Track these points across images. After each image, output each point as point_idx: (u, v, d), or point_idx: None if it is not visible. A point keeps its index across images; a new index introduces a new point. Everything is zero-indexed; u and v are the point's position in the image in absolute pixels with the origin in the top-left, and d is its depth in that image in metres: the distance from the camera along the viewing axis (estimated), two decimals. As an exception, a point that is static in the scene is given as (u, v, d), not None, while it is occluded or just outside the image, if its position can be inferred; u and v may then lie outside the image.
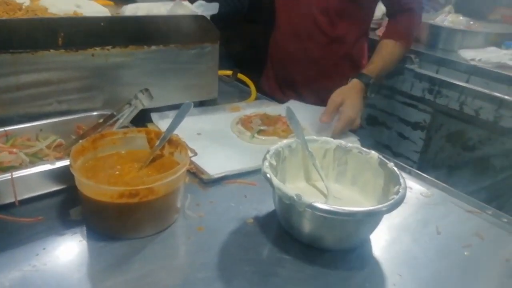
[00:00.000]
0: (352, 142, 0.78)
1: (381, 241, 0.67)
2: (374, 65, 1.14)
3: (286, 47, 1.37)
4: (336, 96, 1.02)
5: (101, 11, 1.00)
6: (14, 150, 0.71)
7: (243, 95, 1.30)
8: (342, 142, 0.75)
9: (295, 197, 0.56)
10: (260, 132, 0.97)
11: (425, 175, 0.89)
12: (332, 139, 0.76)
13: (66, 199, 0.69)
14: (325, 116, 0.99)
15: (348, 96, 1.03)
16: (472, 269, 0.63)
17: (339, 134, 0.97)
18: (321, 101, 1.06)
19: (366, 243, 0.66)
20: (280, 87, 1.44)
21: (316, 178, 0.75)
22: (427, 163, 1.89)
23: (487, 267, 0.64)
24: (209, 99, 1.10)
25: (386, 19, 1.35)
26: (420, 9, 1.25)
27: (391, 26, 1.25)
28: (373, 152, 0.72)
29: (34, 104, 0.82)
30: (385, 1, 1.27)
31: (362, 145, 0.83)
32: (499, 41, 1.92)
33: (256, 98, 1.27)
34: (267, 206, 0.72)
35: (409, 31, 1.24)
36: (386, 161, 0.69)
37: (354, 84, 1.08)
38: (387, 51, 1.19)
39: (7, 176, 0.63)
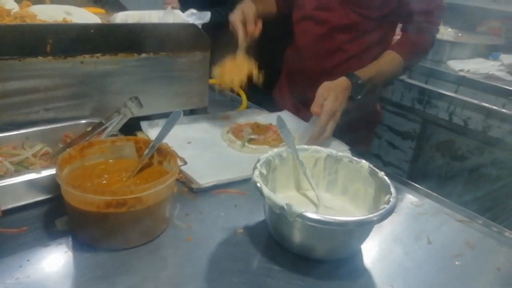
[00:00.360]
0: (342, 151, 0.78)
1: (372, 251, 0.66)
2: (367, 69, 1.14)
3: (303, 64, 1.34)
4: (323, 89, 1.04)
5: (91, 18, 1.00)
6: (-1, 158, 0.70)
7: (234, 104, 1.30)
8: (332, 151, 0.75)
9: (285, 207, 0.56)
10: (250, 141, 0.97)
11: (416, 184, 0.89)
12: (322, 148, 0.76)
13: (52, 209, 0.67)
14: (316, 107, 1.01)
15: (333, 89, 1.04)
16: (463, 279, 0.63)
17: (323, 126, 0.99)
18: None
19: (357, 253, 0.65)
20: (295, 103, 1.39)
21: (306, 187, 0.75)
22: (417, 173, 1.90)
23: (479, 276, 0.64)
24: (200, 108, 1.10)
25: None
26: (433, 30, 1.23)
27: (400, 40, 1.24)
28: (363, 161, 0.72)
29: (20, 112, 0.80)
30: (402, 16, 1.23)
31: (353, 154, 0.84)
32: (487, 52, 1.96)
33: (247, 107, 1.27)
34: (258, 216, 0.71)
35: (414, 47, 1.21)
36: (377, 170, 0.69)
37: (340, 80, 1.09)
38: (385, 60, 1.18)
39: (-10, 185, 0.61)
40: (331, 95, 1.02)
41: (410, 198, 0.83)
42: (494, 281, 0.63)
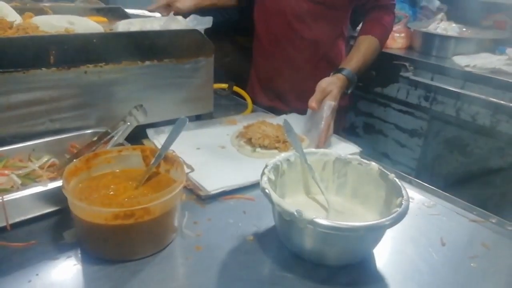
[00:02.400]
0: (353, 154, 0.76)
1: (384, 254, 0.65)
2: (355, 61, 1.17)
3: (266, 54, 1.42)
4: (326, 85, 1.05)
5: (94, 27, 1.00)
6: (6, 172, 0.69)
7: (240, 108, 1.30)
8: (341, 154, 0.74)
9: (295, 214, 0.55)
10: (259, 142, 0.95)
11: (426, 184, 0.88)
12: (331, 151, 0.75)
13: (59, 221, 0.67)
14: (314, 102, 1.01)
15: (335, 86, 1.06)
16: (480, 281, 0.61)
17: (329, 124, 0.99)
18: (303, 103, 1.08)
19: (370, 257, 0.64)
20: (264, 92, 1.47)
21: (316, 191, 0.74)
22: (425, 170, 1.88)
23: (495, 278, 0.62)
24: (205, 113, 1.09)
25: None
26: (393, 6, 1.31)
27: (366, 23, 1.29)
28: (373, 163, 0.70)
29: (26, 124, 0.80)
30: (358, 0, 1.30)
31: (361, 154, 0.82)
32: (493, 46, 1.93)
33: (253, 111, 1.26)
34: (267, 221, 0.70)
35: (385, 28, 1.27)
36: (387, 172, 0.67)
37: (339, 77, 1.10)
38: (365, 46, 1.21)
39: (-3, 199, 0.61)
40: (333, 92, 1.03)
41: (421, 199, 0.82)
42: (511, 283, 0.62)
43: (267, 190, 0.60)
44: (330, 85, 1.04)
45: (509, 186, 1.58)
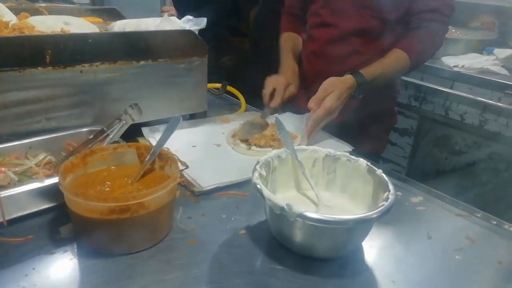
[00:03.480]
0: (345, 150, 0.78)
1: (373, 248, 0.67)
2: (372, 68, 1.12)
3: (318, 68, 1.32)
4: (328, 85, 1.03)
5: (89, 28, 1.01)
6: (3, 169, 0.71)
7: (233, 107, 1.31)
8: (331, 150, 0.76)
9: (285, 207, 0.57)
10: (255, 142, 0.97)
11: (413, 180, 0.90)
12: (320, 148, 0.77)
13: (56, 217, 0.68)
14: (313, 102, 1.00)
15: (338, 87, 1.03)
16: (465, 273, 0.64)
17: (317, 121, 0.99)
18: (347, 119, 1.07)
19: (358, 251, 0.66)
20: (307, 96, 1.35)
21: (306, 187, 0.76)
22: (415, 168, 1.91)
23: (480, 270, 0.65)
24: (199, 112, 1.11)
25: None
26: (440, 29, 1.17)
27: (405, 39, 1.18)
28: (361, 159, 0.73)
29: (22, 122, 0.81)
30: (412, 15, 1.18)
31: (353, 153, 0.84)
32: (481, 47, 1.97)
33: (246, 110, 1.28)
34: (259, 216, 0.72)
35: (420, 46, 1.16)
36: (375, 168, 0.70)
37: (346, 78, 1.07)
38: (390, 59, 1.15)
39: (-5, 195, 0.62)
40: (334, 92, 1.01)
41: (408, 195, 0.84)
42: (495, 275, 0.64)
43: (258, 185, 0.62)
44: (332, 86, 1.02)
45: (497, 184, 1.62)
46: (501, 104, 1.62)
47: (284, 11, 1.46)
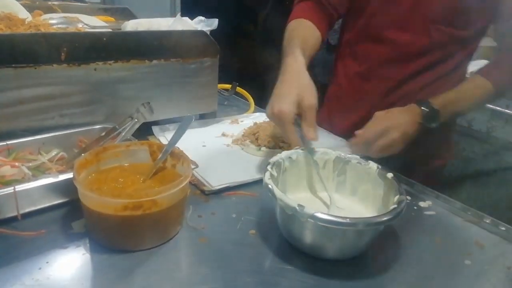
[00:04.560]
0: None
1: (381, 251, 0.67)
2: (444, 95, 0.91)
3: (361, 90, 1.10)
4: (381, 113, 0.84)
5: (102, 26, 1.02)
6: (17, 164, 0.72)
7: (242, 108, 1.32)
8: (341, 153, 0.76)
9: (297, 208, 0.57)
10: (265, 143, 0.98)
11: (423, 185, 0.90)
12: (331, 150, 0.77)
13: (68, 212, 0.69)
14: (362, 130, 0.82)
15: (396, 113, 0.85)
16: (474, 278, 0.64)
17: (376, 154, 0.82)
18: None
19: (367, 254, 0.66)
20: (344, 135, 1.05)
21: (316, 188, 0.76)
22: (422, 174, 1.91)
23: (489, 275, 0.64)
24: (209, 112, 1.12)
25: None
26: None
27: (492, 62, 1.00)
28: (372, 162, 0.73)
29: (36, 118, 0.82)
30: (499, 34, 1.00)
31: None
32: (490, 54, 1.96)
33: (254, 111, 1.29)
34: (269, 216, 0.72)
35: (509, 71, 0.96)
36: (385, 171, 0.70)
37: (410, 107, 0.88)
38: (469, 86, 0.96)
39: (9, 189, 0.63)
40: (394, 123, 0.82)
41: (417, 199, 0.84)
42: (505, 280, 0.64)
43: (270, 186, 0.62)
44: (387, 122, 0.84)
45: (505, 191, 1.61)
46: (509, 111, 1.62)
47: None
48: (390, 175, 0.69)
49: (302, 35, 0.95)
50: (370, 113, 0.87)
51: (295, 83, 0.77)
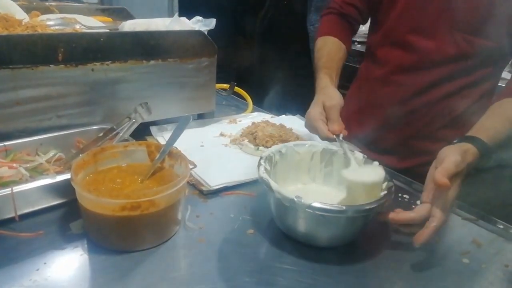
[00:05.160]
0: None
1: (380, 250, 0.67)
2: (494, 131, 0.76)
3: (378, 98, 1.07)
4: (452, 168, 0.64)
5: (100, 27, 1.02)
6: (14, 165, 0.71)
7: (240, 108, 1.32)
8: (328, 145, 0.79)
9: (295, 199, 0.59)
10: (263, 143, 0.98)
11: (421, 184, 0.90)
12: (317, 143, 0.79)
13: (66, 213, 0.69)
14: (444, 178, 0.62)
15: (460, 174, 0.66)
16: (472, 276, 0.64)
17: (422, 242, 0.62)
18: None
19: (365, 253, 0.66)
20: (362, 144, 1.01)
21: (305, 181, 0.79)
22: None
23: (487, 273, 0.64)
24: (207, 112, 1.12)
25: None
26: None
27: None
28: (357, 152, 0.75)
29: (33, 119, 0.82)
30: None
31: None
32: None
33: (253, 111, 1.29)
34: (267, 216, 0.72)
35: None
36: (371, 160, 0.72)
37: (466, 150, 0.69)
38: (509, 113, 0.80)
39: (7, 191, 0.63)
40: (453, 185, 0.64)
41: (416, 198, 0.84)
42: (503, 278, 0.64)
43: (266, 179, 0.63)
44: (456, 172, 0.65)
45: (501, 188, 1.61)
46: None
47: (326, 11, 1.15)
48: (376, 163, 0.71)
49: (327, 52, 1.03)
50: (390, 120, 0.87)
51: (321, 95, 0.88)
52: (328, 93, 0.87)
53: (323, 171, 0.79)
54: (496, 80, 1.01)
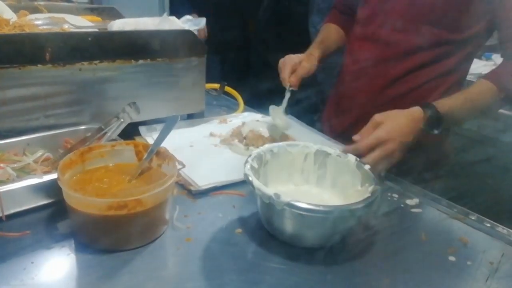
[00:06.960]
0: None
1: (368, 248, 0.68)
2: (449, 100, 0.89)
3: (357, 90, 1.12)
4: (379, 116, 0.83)
5: (88, 26, 1.02)
6: (1, 165, 0.71)
7: (231, 108, 1.32)
8: (322, 146, 0.78)
9: (273, 196, 0.59)
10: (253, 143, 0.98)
11: (409, 182, 0.91)
12: (311, 144, 0.78)
13: (53, 213, 0.68)
14: (358, 135, 0.82)
15: (394, 118, 0.82)
16: (458, 274, 0.64)
17: (358, 151, 0.79)
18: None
19: (353, 252, 0.67)
20: (343, 138, 1.06)
21: (298, 182, 0.78)
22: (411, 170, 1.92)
23: (473, 271, 0.65)
24: (197, 112, 1.11)
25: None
26: None
27: (497, 68, 0.97)
28: (350, 155, 0.75)
29: (21, 119, 0.82)
30: (503, 39, 0.95)
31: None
32: (479, 53, 1.99)
33: (243, 111, 1.29)
34: (255, 216, 0.72)
35: None
36: (362, 163, 0.72)
37: (412, 110, 0.85)
38: (475, 90, 0.93)
39: (-7, 191, 0.62)
40: (387, 122, 0.81)
41: (404, 196, 0.85)
42: (488, 275, 0.65)
43: (249, 177, 0.64)
44: (385, 117, 0.82)
45: (491, 187, 1.63)
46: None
47: (333, 5, 1.29)
48: (367, 166, 0.71)
49: (325, 33, 1.21)
50: (365, 113, 0.89)
51: (306, 55, 1.09)
52: (310, 59, 1.08)
53: (316, 173, 0.78)
54: (465, 71, 1.08)
